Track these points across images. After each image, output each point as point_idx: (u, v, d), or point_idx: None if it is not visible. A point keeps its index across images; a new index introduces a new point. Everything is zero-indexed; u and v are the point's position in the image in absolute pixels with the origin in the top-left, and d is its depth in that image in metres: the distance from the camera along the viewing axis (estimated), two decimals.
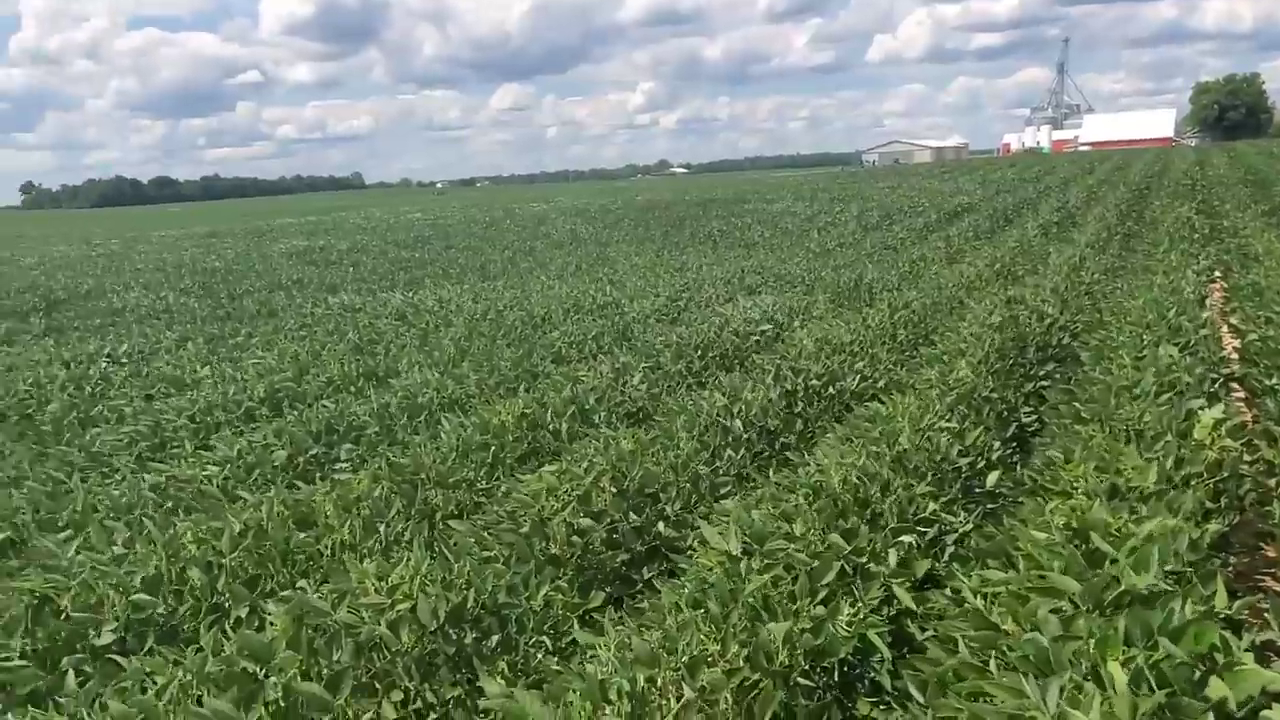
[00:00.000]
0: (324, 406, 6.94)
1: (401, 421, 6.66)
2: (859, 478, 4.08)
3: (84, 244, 38.82)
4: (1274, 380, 5.65)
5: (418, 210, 52.69)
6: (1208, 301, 8.57)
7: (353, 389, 7.95)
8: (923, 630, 3.45)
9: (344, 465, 6.02)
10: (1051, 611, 2.79)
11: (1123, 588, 2.84)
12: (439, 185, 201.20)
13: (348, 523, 4.36)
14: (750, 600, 3.21)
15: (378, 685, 3.23)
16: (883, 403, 5.46)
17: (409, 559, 3.57)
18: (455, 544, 4.18)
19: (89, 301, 17.36)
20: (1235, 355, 7.77)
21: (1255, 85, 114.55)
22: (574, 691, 2.60)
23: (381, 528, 4.51)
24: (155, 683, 3.05)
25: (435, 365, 8.58)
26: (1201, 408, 4.78)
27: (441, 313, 12.28)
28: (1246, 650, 2.72)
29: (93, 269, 24.81)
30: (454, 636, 3.43)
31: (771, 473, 4.52)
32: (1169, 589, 2.92)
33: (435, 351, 9.29)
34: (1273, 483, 4.68)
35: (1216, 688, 2.50)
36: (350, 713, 3.10)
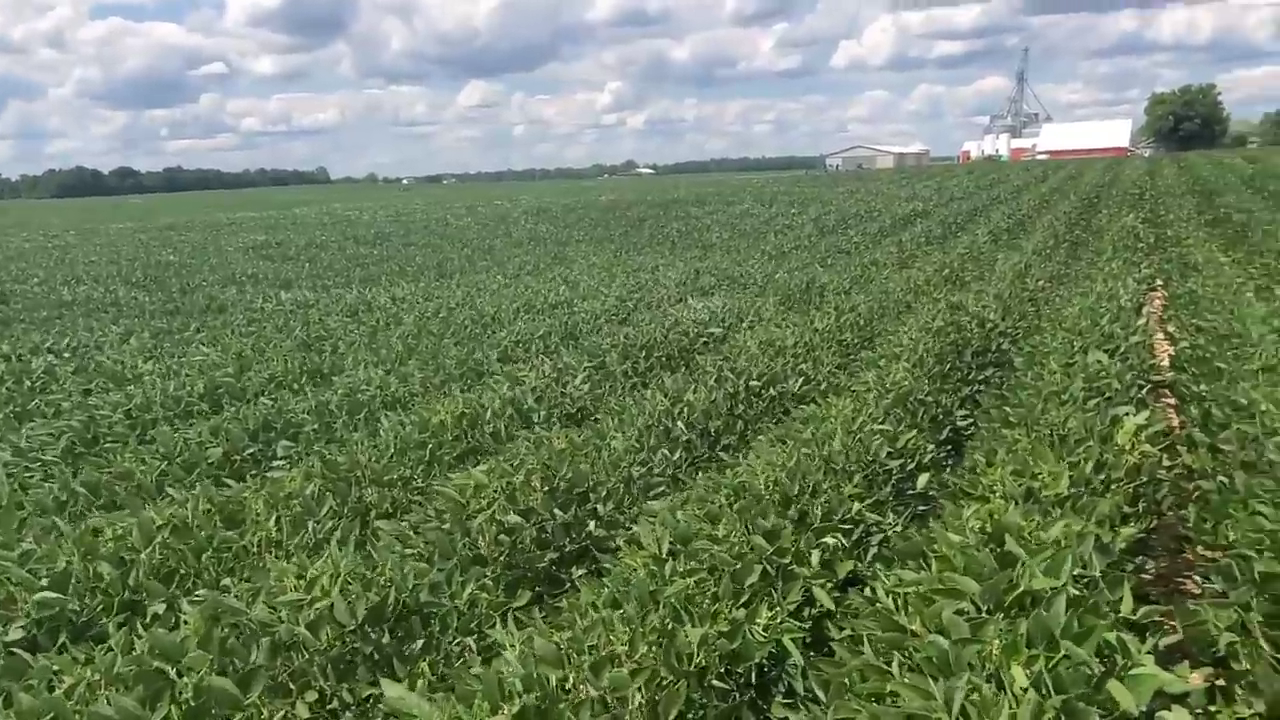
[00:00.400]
0: (263, 404, 6.86)
1: (341, 419, 6.60)
2: (785, 479, 4.11)
3: (40, 235, 37.97)
4: (1200, 387, 5.79)
5: (381, 206, 52.19)
6: (1144, 309, 8.77)
7: (295, 386, 7.87)
8: (841, 631, 3.49)
9: (280, 463, 5.96)
10: (957, 613, 2.84)
11: (1022, 590, 2.89)
12: (405, 181, 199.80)
13: (274, 520, 4.30)
14: (672, 601, 3.23)
15: (292, 685, 3.20)
16: (819, 405, 5.52)
17: (329, 556, 3.54)
18: (382, 543, 4.15)
19: (38, 294, 16.97)
20: (1169, 363, 7.95)
21: (1210, 96, 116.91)
22: (477, 692, 2.60)
23: (311, 525, 4.46)
24: (62, 681, 2.99)
25: (382, 363, 8.52)
26: (1127, 414, 4.88)
27: (393, 310, 12.19)
28: (1148, 653, 2.78)
29: (46, 261, 24.27)
30: (373, 636, 3.41)
31: (702, 474, 4.55)
32: (1076, 593, 2.98)
33: (383, 349, 9.22)
34: (1191, 487, 4.80)
35: (1116, 691, 2.56)
36: (264, 712, 3.06)
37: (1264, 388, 5.01)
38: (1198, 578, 4.41)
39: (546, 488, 4.52)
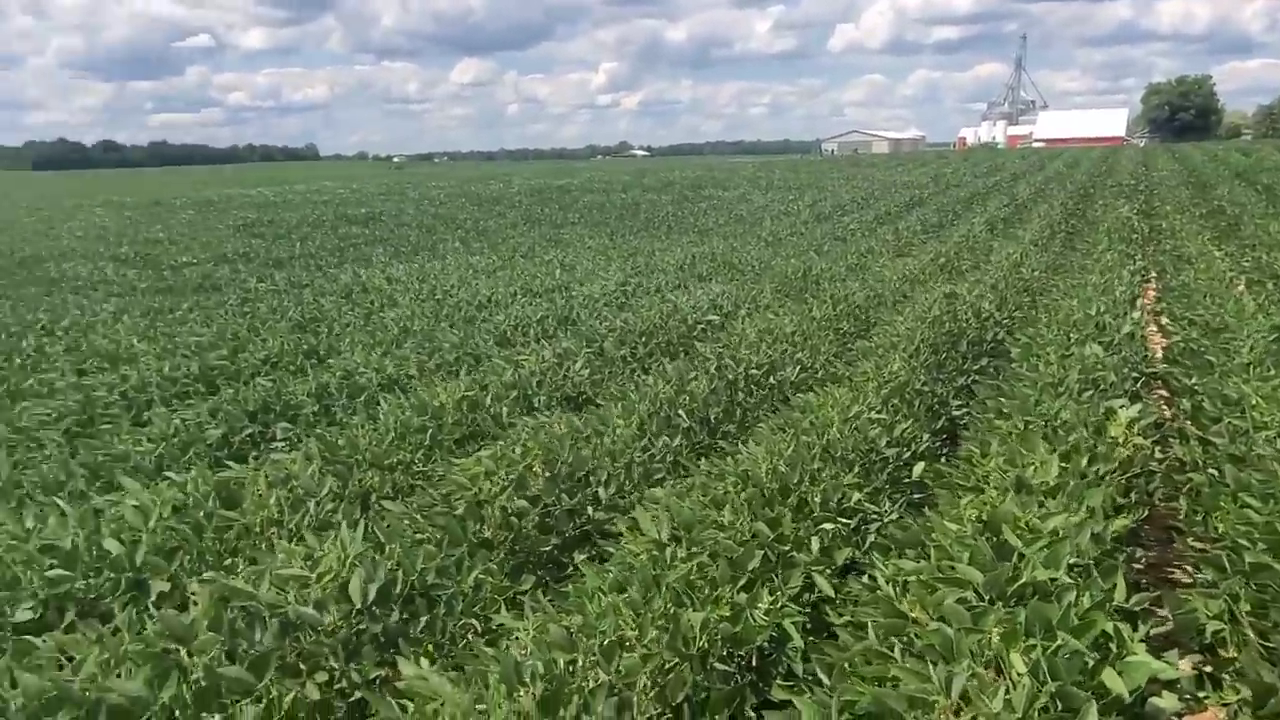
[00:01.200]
0: (260, 385, 6.86)
1: (340, 401, 6.62)
2: (786, 467, 4.17)
3: (23, 208, 37.63)
4: (1192, 380, 5.86)
5: (373, 184, 51.90)
6: (1139, 302, 8.83)
7: (291, 367, 7.87)
8: (841, 617, 3.55)
9: (280, 445, 5.98)
10: (958, 602, 2.90)
11: (1024, 580, 2.96)
12: (397, 159, 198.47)
13: (275, 501, 4.33)
14: (674, 586, 3.29)
15: (302, 666, 3.24)
16: (817, 394, 5.57)
17: (337, 538, 3.57)
18: (388, 526, 4.19)
19: (24, 270, 16.87)
20: (1162, 355, 8.03)
21: (1206, 87, 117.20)
22: (492, 674, 2.65)
23: (312, 506, 4.49)
24: (70, 660, 3.02)
25: (378, 345, 8.52)
26: (1122, 406, 4.95)
27: (388, 292, 12.18)
28: (1140, 641, 2.86)
29: (29, 235, 24.09)
30: (380, 617, 3.45)
31: (704, 461, 4.59)
32: (1071, 582, 3.04)
33: (378, 332, 9.22)
34: (1181, 479, 4.87)
35: (1108, 677, 2.64)
36: (274, 692, 3.11)
37: (1253, 382, 5.08)
38: (1188, 568, 4.49)
39: (548, 473, 4.57)
